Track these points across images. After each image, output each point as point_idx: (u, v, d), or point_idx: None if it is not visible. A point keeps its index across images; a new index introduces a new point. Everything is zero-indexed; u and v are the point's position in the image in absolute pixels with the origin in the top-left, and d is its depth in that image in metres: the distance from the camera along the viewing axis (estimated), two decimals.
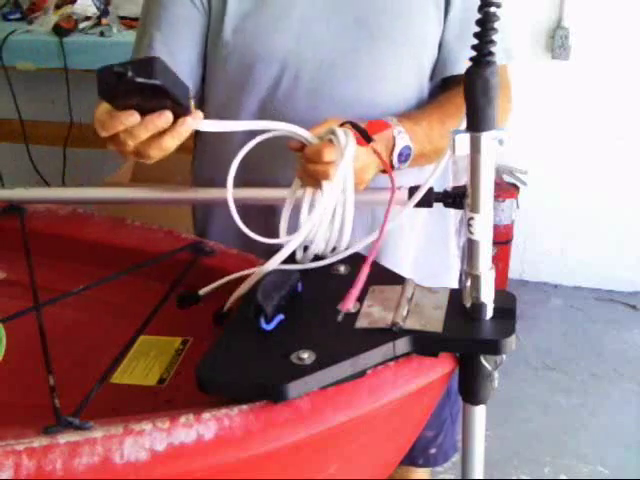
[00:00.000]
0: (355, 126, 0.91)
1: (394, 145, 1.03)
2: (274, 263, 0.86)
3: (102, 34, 2.52)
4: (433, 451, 1.35)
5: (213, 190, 1.11)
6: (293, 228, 0.90)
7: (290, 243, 0.86)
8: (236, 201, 1.12)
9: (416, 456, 1.35)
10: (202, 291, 0.90)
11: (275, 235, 0.90)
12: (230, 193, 0.89)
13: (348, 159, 0.87)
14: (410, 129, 1.05)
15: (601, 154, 2.78)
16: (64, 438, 0.64)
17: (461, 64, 1.07)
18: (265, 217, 1.06)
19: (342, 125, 0.92)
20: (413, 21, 1.12)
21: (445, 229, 1.30)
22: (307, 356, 0.70)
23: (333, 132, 0.89)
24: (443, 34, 1.13)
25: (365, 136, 0.90)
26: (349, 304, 0.75)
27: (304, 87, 1.11)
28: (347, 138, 0.88)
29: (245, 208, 1.09)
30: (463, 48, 0.82)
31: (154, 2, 1.15)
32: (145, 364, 0.84)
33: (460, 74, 0.70)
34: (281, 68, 1.10)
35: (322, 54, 1.10)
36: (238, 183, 1.01)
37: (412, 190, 0.89)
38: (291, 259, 0.89)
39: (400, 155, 1.03)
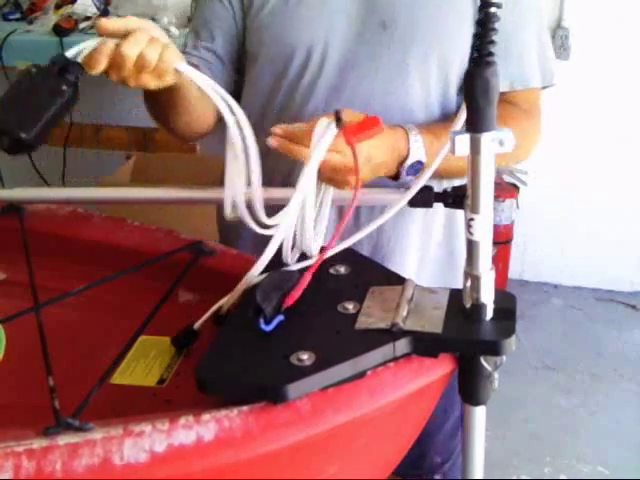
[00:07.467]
0: (338, 119, 0.83)
1: (407, 156, 1.01)
2: (260, 266, 0.84)
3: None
4: (437, 477, 1.34)
5: (213, 190, 1.11)
6: None
7: (271, 244, 0.83)
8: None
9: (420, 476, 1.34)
10: (196, 325, 0.86)
11: None
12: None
13: (322, 146, 0.82)
14: (429, 142, 1.02)
15: (601, 154, 2.78)
16: (64, 439, 0.64)
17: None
18: None
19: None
20: (445, 22, 1.09)
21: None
22: (307, 357, 0.70)
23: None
24: None
25: (339, 121, 0.82)
26: (293, 299, 0.77)
27: (325, 83, 1.10)
28: (326, 127, 0.83)
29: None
30: (501, 62, 0.70)
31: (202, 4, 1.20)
32: (145, 364, 0.84)
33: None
34: (305, 60, 1.10)
35: (345, 52, 1.10)
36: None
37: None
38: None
39: (410, 167, 1.02)
